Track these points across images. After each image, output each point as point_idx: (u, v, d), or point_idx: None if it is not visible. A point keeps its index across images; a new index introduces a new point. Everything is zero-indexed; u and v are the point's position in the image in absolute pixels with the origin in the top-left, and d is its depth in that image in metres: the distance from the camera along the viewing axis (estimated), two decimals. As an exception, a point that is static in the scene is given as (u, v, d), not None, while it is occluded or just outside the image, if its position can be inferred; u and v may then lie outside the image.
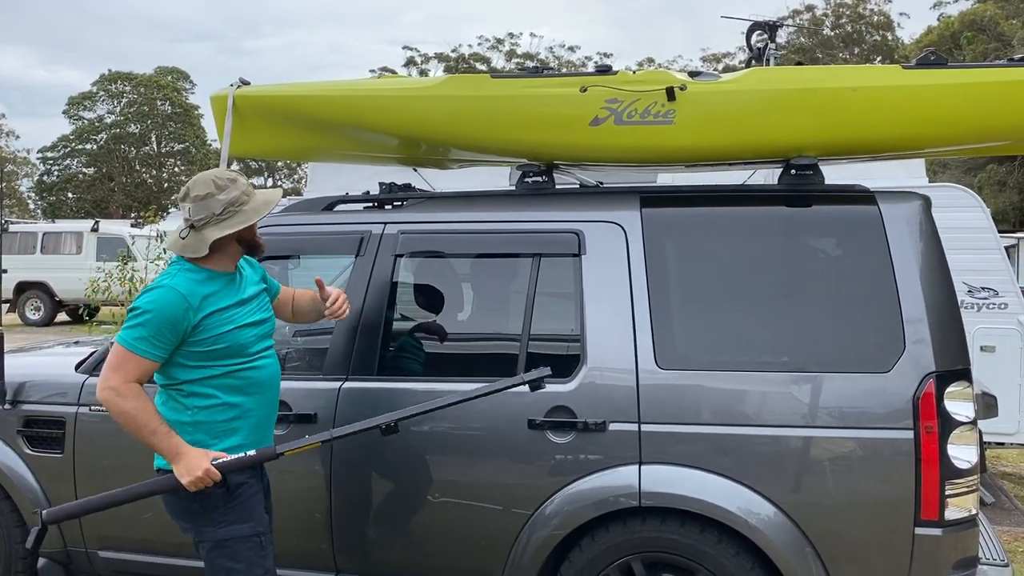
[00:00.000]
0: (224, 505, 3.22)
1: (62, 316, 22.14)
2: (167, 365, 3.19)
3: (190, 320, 3.13)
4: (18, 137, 75.27)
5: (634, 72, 3.73)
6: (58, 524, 4.27)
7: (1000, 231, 7.04)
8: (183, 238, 3.23)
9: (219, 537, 3.23)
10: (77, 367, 4.39)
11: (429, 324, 4.21)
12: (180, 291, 3.13)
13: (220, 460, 3.15)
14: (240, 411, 3.29)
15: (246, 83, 4.23)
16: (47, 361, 4.94)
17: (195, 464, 3.10)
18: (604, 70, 3.73)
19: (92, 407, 4.22)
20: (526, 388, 3.38)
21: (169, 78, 55.24)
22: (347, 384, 3.90)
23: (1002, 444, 7.12)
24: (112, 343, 3.22)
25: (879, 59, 45.43)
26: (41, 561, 4.36)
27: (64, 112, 53.44)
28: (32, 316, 21.46)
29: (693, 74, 3.72)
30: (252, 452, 3.20)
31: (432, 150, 4.28)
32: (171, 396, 3.25)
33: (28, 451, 4.35)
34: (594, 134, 3.72)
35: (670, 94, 3.59)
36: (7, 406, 4.37)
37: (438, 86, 3.94)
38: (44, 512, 3.26)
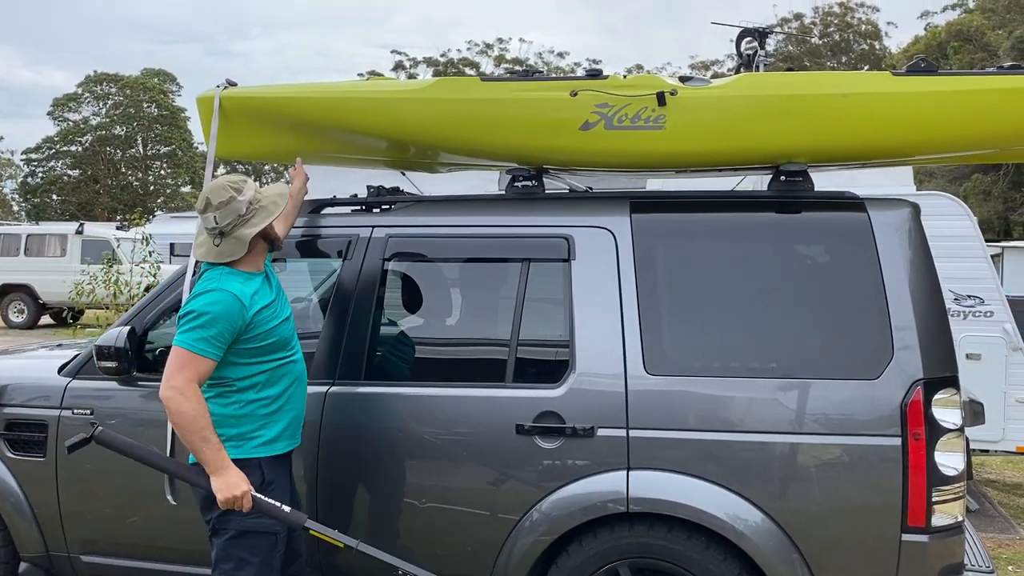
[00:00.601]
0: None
1: (46, 319, 21.99)
2: (220, 365, 3.32)
3: (244, 318, 3.31)
4: (2, 138, 75.07)
5: (625, 77, 3.72)
6: (45, 530, 4.25)
7: (985, 240, 7.06)
8: (217, 246, 3.40)
9: (244, 527, 3.33)
10: (60, 370, 4.35)
11: (416, 329, 4.19)
12: (232, 291, 3.30)
13: (257, 495, 3.27)
14: (281, 403, 3.46)
15: (233, 84, 4.19)
16: (30, 364, 4.89)
17: (234, 484, 3.22)
18: (595, 74, 3.71)
19: (75, 411, 4.18)
20: None
21: (155, 80, 55.02)
22: (334, 388, 3.88)
23: (986, 451, 7.15)
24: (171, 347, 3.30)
25: (867, 68, 45.70)
26: (23, 566, 4.32)
27: (49, 113, 53.22)
28: (15, 319, 21.31)
29: (684, 79, 3.71)
30: (287, 509, 3.31)
31: (421, 153, 4.26)
32: (219, 393, 3.38)
33: (9, 454, 4.31)
34: (584, 139, 3.70)
35: (660, 99, 3.57)
36: None
37: (428, 89, 3.91)
38: (98, 429, 3.37)
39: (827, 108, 3.56)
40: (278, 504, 3.31)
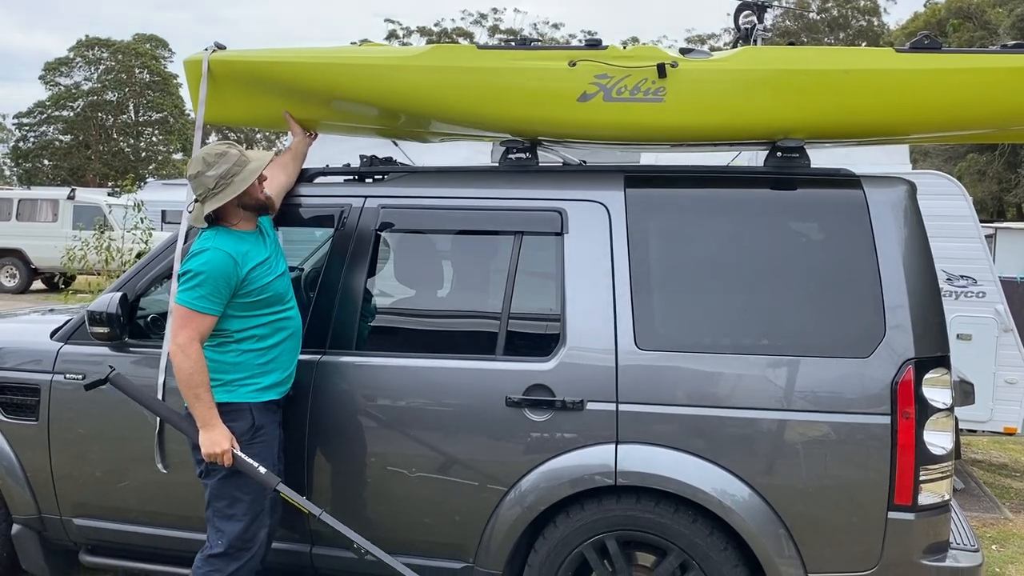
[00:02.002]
0: (248, 441, 3.56)
1: (37, 284, 21.92)
2: (220, 318, 3.53)
3: (239, 274, 3.51)
4: (-8, 102, 74.25)
5: (624, 47, 3.67)
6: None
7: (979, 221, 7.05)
8: (190, 211, 3.69)
9: (234, 468, 3.51)
10: (52, 335, 4.34)
11: (408, 301, 4.18)
12: (226, 250, 3.50)
13: (238, 453, 3.49)
14: (275, 354, 3.65)
15: (222, 47, 4.12)
16: (22, 328, 4.87)
17: (218, 440, 3.46)
18: (594, 44, 3.66)
19: (67, 375, 4.18)
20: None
21: (147, 46, 54.48)
22: (325, 358, 3.87)
23: (973, 431, 7.18)
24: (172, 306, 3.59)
25: (864, 44, 45.53)
26: (15, 527, 4.33)
27: (40, 78, 52.76)
28: (7, 283, 21.20)
29: (684, 51, 3.66)
30: (263, 470, 3.50)
31: (414, 122, 4.20)
32: (219, 343, 3.58)
33: (2, 418, 4.30)
34: (582, 110, 3.66)
35: (661, 71, 3.53)
36: None
37: (422, 56, 3.85)
38: (113, 372, 3.74)
39: (828, 84, 3.51)
40: (255, 465, 3.50)
